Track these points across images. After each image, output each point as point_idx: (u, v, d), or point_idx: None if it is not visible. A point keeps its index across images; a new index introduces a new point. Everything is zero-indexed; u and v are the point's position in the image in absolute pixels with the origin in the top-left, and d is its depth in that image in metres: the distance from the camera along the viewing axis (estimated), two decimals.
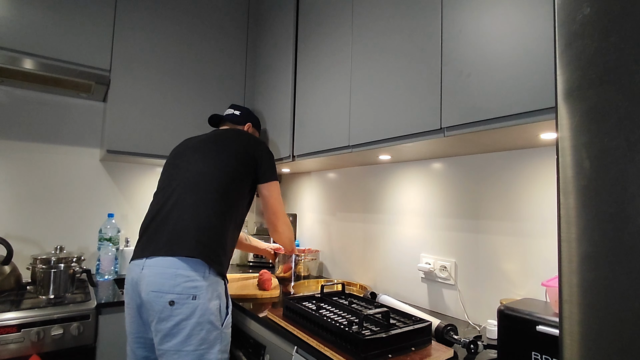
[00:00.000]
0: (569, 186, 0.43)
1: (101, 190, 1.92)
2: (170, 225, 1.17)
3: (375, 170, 1.70)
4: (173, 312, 1.07)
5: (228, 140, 1.36)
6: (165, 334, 1.08)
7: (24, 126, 1.75)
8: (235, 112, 1.64)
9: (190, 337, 1.07)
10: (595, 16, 0.42)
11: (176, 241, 1.13)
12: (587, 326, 0.41)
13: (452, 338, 1.00)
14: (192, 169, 1.27)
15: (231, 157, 1.30)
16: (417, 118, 1.08)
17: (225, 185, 1.25)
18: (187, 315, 1.07)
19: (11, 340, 1.19)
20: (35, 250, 1.74)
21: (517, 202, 1.16)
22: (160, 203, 1.25)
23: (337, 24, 1.44)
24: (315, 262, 1.80)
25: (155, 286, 1.09)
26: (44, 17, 1.52)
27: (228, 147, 1.33)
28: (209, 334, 1.09)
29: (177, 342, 1.07)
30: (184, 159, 1.33)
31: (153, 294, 1.08)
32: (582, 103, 0.43)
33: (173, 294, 1.08)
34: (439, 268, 1.36)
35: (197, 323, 1.08)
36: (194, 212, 1.18)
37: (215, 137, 1.38)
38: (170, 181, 1.29)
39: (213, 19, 1.95)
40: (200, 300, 1.09)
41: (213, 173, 1.26)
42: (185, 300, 1.08)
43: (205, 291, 1.10)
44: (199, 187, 1.23)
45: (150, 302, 1.09)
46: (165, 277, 1.09)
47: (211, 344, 1.10)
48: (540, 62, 0.80)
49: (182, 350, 1.06)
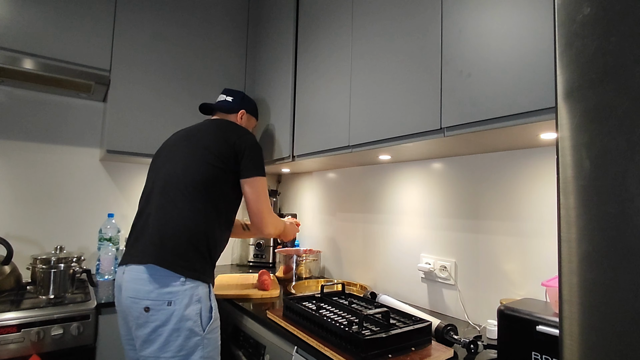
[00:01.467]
0: (569, 186, 0.43)
1: (101, 190, 1.92)
2: (145, 232, 1.14)
3: (375, 170, 1.70)
4: (149, 319, 1.05)
5: (207, 135, 1.26)
6: (144, 340, 1.06)
7: (24, 126, 1.75)
8: (227, 99, 1.51)
9: (167, 344, 1.04)
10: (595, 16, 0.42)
11: (148, 250, 1.10)
12: (587, 326, 0.41)
13: (452, 338, 1.00)
14: (164, 171, 1.22)
15: (208, 153, 1.21)
16: (417, 118, 1.08)
17: (200, 184, 1.17)
18: (162, 322, 1.05)
19: (11, 340, 1.19)
20: (35, 250, 1.74)
21: (517, 202, 1.16)
22: (140, 208, 1.23)
23: (337, 24, 1.44)
24: (316, 263, 1.80)
25: (132, 292, 1.07)
26: (44, 17, 1.52)
27: (205, 142, 1.24)
28: (188, 340, 1.06)
29: (155, 348, 1.05)
30: (162, 160, 1.27)
31: (130, 300, 1.07)
32: (582, 103, 0.43)
33: (148, 300, 1.05)
34: (439, 268, 1.36)
35: (173, 329, 1.05)
36: (163, 218, 1.14)
37: (194, 133, 1.29)
38: (148, 184, 1.26)
39: (213, 19, 1.95)
40: (176, 306, 1.05)
41: (185, 174, 1.18)
42: (160, 306, 1.05)
43: (182, 296, 1.06)
44: (169, 190, 1.17)
45: (128, 308, 1.08)
46: (140, 283, 1.07)
47: (191, 350, 1.06)
48: (540, 62, 0.80)
49: (160, 357, 1.04)
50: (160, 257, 1.08)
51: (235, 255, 2.27)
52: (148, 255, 1.09)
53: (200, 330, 1.08)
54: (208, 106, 1.51)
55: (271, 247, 2.15)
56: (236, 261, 2.26)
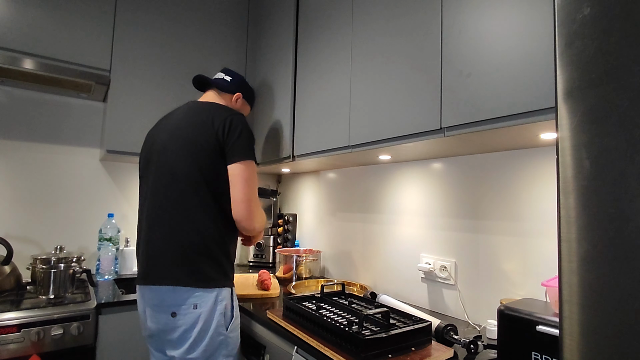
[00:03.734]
0: (569, 186, 0.43)
1: (101, 190, 1.92)
2: (151, 250, 1.11)
3: (375, 170, 1.70)
4: (177, 323, 1.07)
5: (191, 126, 1.13)
6: (171, 343, 1.09)
7: (24, 126, 1.75)
8: (226, 78, 1.38)
9: (195, 345, 1.06)
10: (595, 16, 0.42)
11: (162, 273, 1.08)
12: (587, 326, 0.41)
13: (452, 338, 1.00)
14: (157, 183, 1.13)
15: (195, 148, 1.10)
16: (417, 118, 1.08)
17: (200, 185, 1.09)
18: (190, 325, 1.06)
19: (11, 340, 1.19)
20: (35, 250, 1.74)
21: (517, 202, 1.16)
22: (140, 220, 1.19)
23: (337, 24, 1.44)
24: (316, 263, 1.80)
25: (157, 301, 1.09)
26: (44, 17, 1.52)
27: (191, 136, 1.11)
28: (213, 340, 1.08)
29: (183, 350, 1.07)
30: (152, 169, 1.17)
31: (156, 308, 1.09)
32: (582, 103, 0.43)
33: (175, 305, 1.07)
34: (439, 268, 1.36)
35: (200, 331, 1.07)
36: (169, 233, 1.09)
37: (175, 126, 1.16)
38: (142, 192, 1.21)
39: (213, 19, 1.95)
40: (202, 309, 1.07)
41: (181, 178, 1.10)
42: (186, 310, 1.07)
43: (207, 299, 1.08)
44: (167, 205, 1.10)
45: (155, 317, 1.10)
46: (164, 294, 1.08)
47: (215, 349, 1.08)
48: (540, 62, 0.80)
49: (187, 358, 1.07)
50: (176, 278, 1.07)
51: (235, 255, 2.27)
52: (164, 279, 1.09)
53: (223, 330, 1.10)
54: (203, 80, 1.39)
55: (271, 247, 2.15)
56: (236, 261, 2.26)
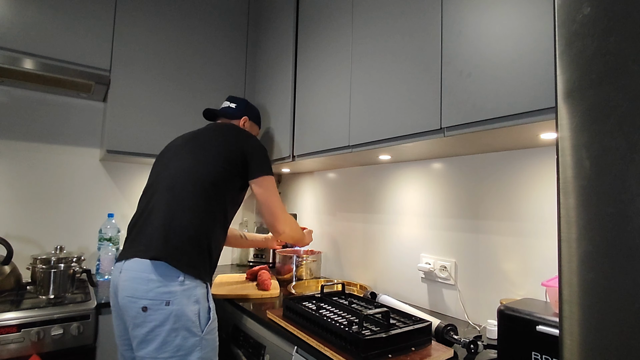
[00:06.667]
0: (569, 186, 0.43)
1: (101, 190, 1.92)
2: (148, 227, 1.14)
3: (375, 170, 1.70)
4: (146, 318, 1.04)
5: (214, 137, 1.30)
6: (141, 340, 1.05)
7: (24, 126, 1.75)
8: (231, 105, 1.57)
9: (165, 344, 1.04)
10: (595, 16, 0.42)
11: (150, 244, 1.10)
12: (587, 326, 0.41)
13: (452, 338, 1.00)
14: (172, 168, 1.23)
15: (216, 154, 1.24)
16: (417, 118, 1.08)
17: (208, 184, 1.19)
18: (160, 322, 1.04)
19: (11, 340, 1.19)
20: (35, 250, 1.74)
21: (517, 202, 1.16)
22: (143, 204, 1.22)
23: (337, 24, 1.44)
24: (316, 263, 1.80)
25: (129, 291, 1.06)
26: (44, 17, 1.52)
27: (213, 143, 1.27)
28: (185, 340, 1.05)
29: (152, 349, 1.04)
30: (168, 157, 1.29)
31: (127, 299, 1.06)
32: (582, 103, 0.43)
33: (146, 299, 1.04)
34: (439, 268, 1.36)
35: (171, 329, 1.04)
36: (169, 214, 1.14)
37: (201, 134, 1.32)
38: (152, 181, 1.26)
39: (213, 19, 1.95)
40: (175, 306, 1.05)
41: (194, 172, 1.20)
42: (158, 306, 1.04)
43: (180, 296, 1.06)
44: (177, 186, 1.18)
45: (125, 307, 1.07)
46: (138, 282, 1.06)
47: (188, 351, 1.06)
48: (540, 62, 0.80)
49: (158, 357, 1.04)
50: (165, 252, 1.08)
51: (235, 256, 2.27)
52: (152, 249, 1.08)
53: (198, 331, 1.08)
54: (212, 112, 1.57)
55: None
56: (236, 261, 2.26)
